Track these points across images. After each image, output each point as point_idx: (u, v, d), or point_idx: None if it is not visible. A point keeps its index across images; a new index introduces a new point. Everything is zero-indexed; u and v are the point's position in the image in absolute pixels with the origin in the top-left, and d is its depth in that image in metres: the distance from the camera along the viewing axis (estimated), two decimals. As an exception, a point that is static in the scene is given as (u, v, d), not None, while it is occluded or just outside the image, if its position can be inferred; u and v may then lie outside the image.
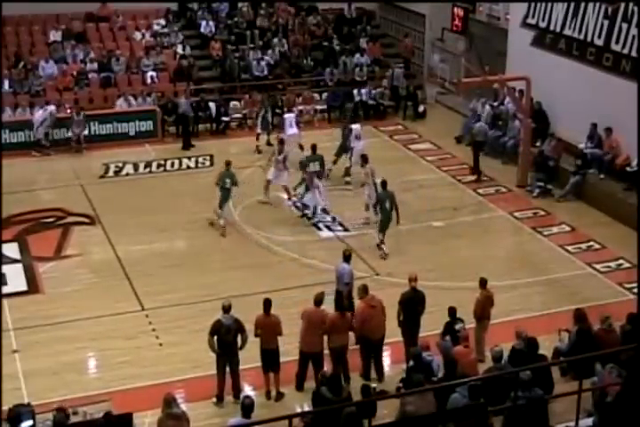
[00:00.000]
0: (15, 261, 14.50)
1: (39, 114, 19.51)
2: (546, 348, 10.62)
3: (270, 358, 10.91)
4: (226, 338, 10.63)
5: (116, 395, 10.57)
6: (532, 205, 17.15)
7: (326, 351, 11.09)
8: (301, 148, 18.98)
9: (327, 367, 10.84)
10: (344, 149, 18.22)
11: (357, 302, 11.62)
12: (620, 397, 8.04)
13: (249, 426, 8.56)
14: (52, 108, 19.64)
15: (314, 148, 16.82)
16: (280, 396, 10.99)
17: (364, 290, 11.34)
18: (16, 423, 8.95)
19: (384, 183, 14.94)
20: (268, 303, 10.85)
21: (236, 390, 10.90)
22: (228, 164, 15.91)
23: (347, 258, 12.51)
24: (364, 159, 16.38)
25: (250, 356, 10.91)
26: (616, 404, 8.07)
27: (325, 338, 10.99)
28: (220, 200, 15.71)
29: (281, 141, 17.32)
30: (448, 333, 11.00)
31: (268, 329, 10.79)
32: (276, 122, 20.44)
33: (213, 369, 10.85)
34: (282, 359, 11.04)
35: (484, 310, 11.65)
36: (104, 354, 11.98)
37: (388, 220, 14.70)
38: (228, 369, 10.83)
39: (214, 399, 10.82)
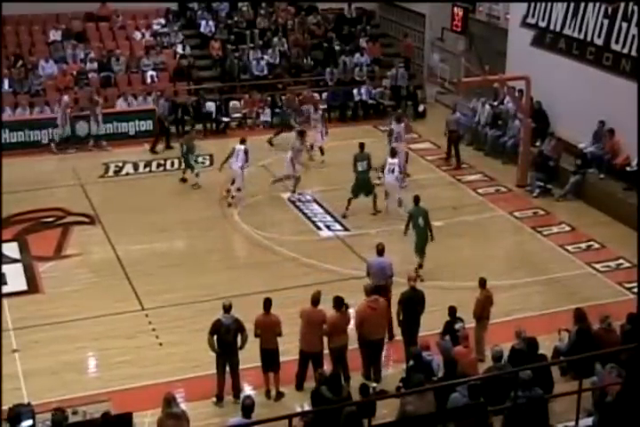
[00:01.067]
0: (15, 260, 14.52)
1: (57, 109, 19.53)
2: (546, 347, 10.63)
3: (270, 358, 10.91)
4: (225, 338, 10.63)
5: (116, 395, 10.56)
6: (532, 204, 17.17)
7: (326, 351, 11.07)
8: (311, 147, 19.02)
9: (327, 367, 10.82)
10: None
11: (360, 302, 11.60)
12: (621, 397, 8.04)
13: (249, 426, 8.57)
14: (65, 98, 19.63)
15: (362, 146, 16.63)
16: (280, 395, 10.99)
17: (369, 291, 11.34)
18: (16, 423, 8.96)
19: (417, 199, 14.34)
20: (268, 303, 10.86)
21: (236, 389, 10.91)
22: (186, 132, 19.10)
23: (380, 252, 12.43)
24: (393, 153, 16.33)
25: (250, 356, 10.90)
26: (616, 404, 8.06)
27: (325, 338, 10.98)
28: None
29: (301, 133, 17.63)
30: (448, 332, 11.00)
31: (268, 329, 10.80)
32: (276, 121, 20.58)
33: (213, 369, 10.84)
34: (281, 359, 11.02)
35: (483, 309, 11.66)
36: (104, 354, 11.98)
37: (422, 239, 14.01)
38: (227, 369, 10.84)
39: (214, 399, 10.83)
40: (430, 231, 14.02)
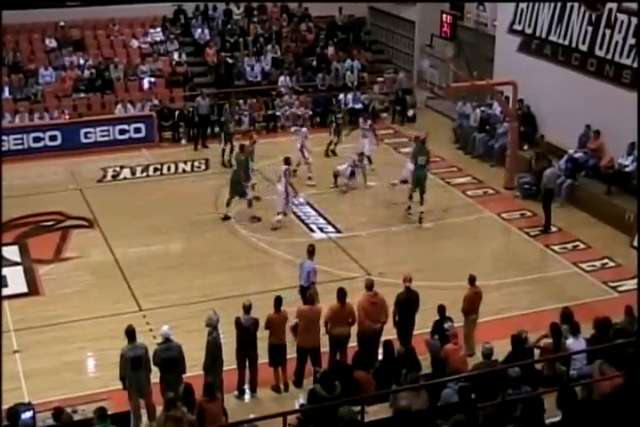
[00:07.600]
0: (15, 263, 14.71)
1: None
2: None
3: (279, 354, 11.27)
4: (245, 335, 11.00)
5: (115, 394, 10.63)
6: (519, 206, 17.43)
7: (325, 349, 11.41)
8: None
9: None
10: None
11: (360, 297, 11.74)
12: (620, 395, 8.04)
13: (244, 423, 8.58)
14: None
15: (423, 141, 16.79)
16: (287, 388, 11.36)
17: (369, 286, 11.57)
18: (15, 419, 9.06)
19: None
20: (278, 301, 11.24)
21: (254, 383, 11.24)
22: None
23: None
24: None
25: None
26: (611, 402, 8.03)
27: (323, 331, 11.31)
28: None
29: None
30: (437, 332, 11.18)
31: (280, 326, 11.18)
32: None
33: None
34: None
35: (472, 304, 11.87)
36: (103, 354, 12.05)
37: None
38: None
39: (236, 393, 11.13)
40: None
